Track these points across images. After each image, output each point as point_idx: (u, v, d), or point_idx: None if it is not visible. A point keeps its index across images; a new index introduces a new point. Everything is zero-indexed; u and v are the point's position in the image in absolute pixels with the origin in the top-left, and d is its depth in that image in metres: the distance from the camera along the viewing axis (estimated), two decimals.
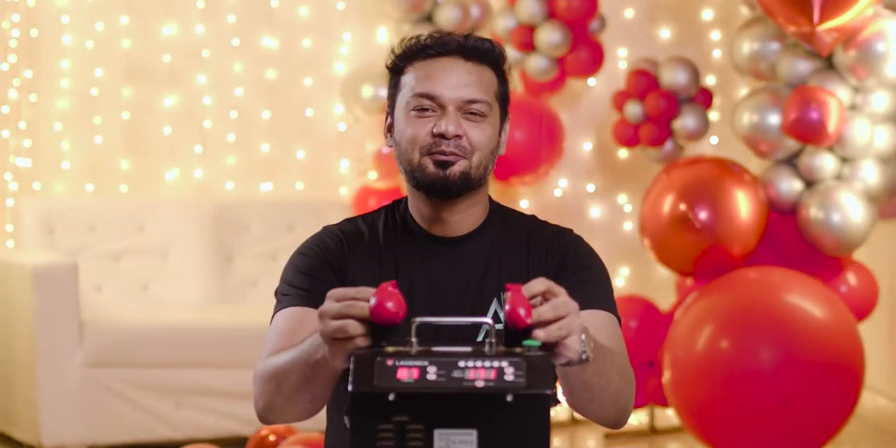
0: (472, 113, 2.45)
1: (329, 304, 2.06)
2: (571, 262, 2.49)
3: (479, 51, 2.48)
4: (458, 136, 2.44)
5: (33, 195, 6.14)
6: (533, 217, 2.61)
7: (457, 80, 2.45)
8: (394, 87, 2.52)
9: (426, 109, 2.45)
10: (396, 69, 2.52)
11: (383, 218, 2.58)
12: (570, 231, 2.57)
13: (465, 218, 2.53)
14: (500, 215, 2.59)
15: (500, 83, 2.52)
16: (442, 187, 2.46)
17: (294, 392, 2.30)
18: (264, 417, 2.40)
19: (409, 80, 2.48)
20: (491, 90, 2.49)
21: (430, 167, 2.45)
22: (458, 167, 2.45)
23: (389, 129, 2.54)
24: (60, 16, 6.24)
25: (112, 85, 6.29)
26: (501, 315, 2.41)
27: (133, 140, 6.32)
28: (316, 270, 2.50)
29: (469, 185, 2.47)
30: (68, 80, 6.25)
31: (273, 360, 2.34)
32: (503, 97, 2.53)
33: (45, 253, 5.65)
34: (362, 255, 2.52)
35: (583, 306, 2.34)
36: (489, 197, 2.59)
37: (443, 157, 2.44)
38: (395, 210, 2.58)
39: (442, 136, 2.43)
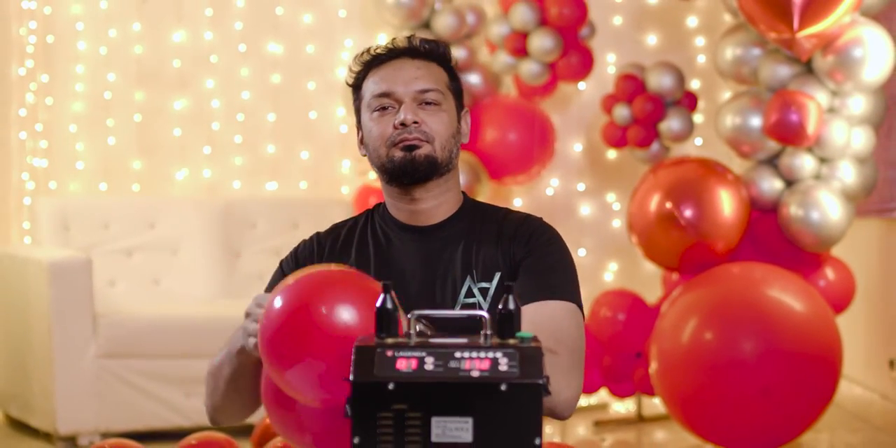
0: (427, 103, 2.53)
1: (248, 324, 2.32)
2: (534, 250, 2.53)
3: (423, 49, 2.58)
4: (417, 123, 2.51)
5: (49, 194, 6.14)
6: (504, 208, 2.65)
7: (408, 75, 2.54)
8: (357, 100, 2.61)
9: (386, 108, 2.54)
10: (357, 83, 2.60)
11: (365, 217, 2.67)
12: (537, 218, 2.62)
13: (437, 206, 2.58)
14: (473, 206, 2.65)
15: (451, 78, 2.60)
16: (410, 169, 2.52)
17: (227, 388, 2.47)
18: (213, 419, 2.57)
19: (367, 87, 2.57)
20: (441, 81, 2.57)
21: (398, 154, 2.52)
22: (423, 151, 2.52)
23: (362, 141, 2.61)
24: (75, 23, 6.24)
25: (124, 89, 6.30)
26: (475, 290, 2.49)
27: (144, 141, 6.32)
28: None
29: (435, 167, 2.53)
30: (83, 85, 6.25)
31: (212, 360, 2.52)
32: (456, 90, 2.61)
33: (60, 249, 5.65)
34: (334, 251, 2.61)
35: (539, 296, 2.43)
36: (463, 193, 2.65)
37: (407, 142, 2.51)
38: (376, 210, 2.67)
39: (403, 124, 2.50)
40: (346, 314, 2.07)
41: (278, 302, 2.11)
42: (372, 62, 2.58)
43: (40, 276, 5.27)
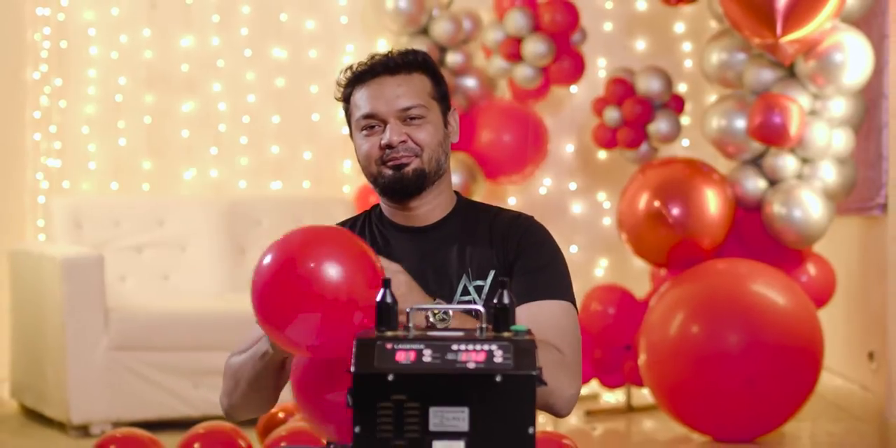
0: (411, 118, 2.52)
1: None
2: (526, 250, 2.54)
3: (402, 64, 2.55)
4: (403, 141, 2.52)
5: (63, 193, 6.13)
6: (496, 207, 2.65)
7: (389, 94, 2.52)
8: (348, 114, 2.61)
9: (373, 127, 2.54)
10: (346, 99, 2.61)
11: (363, 218, 2.67)
12: (528, 217, 2.62)
13: (432, 209, 2.58)
14: (466, 206, 2.64)
15: (435, 84, 2.58)
16: (401, 186, 2.53)
17: (248, 387, 2.45)
18: (229, 414, 2.55)
19: (354, 106, 2.57)
20: (424, 93, 2.55)
21: (388, 172, 2.53)
22: (411, 166, 2.52)
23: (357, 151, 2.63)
24: (87, 29, 6.23)
25: (135, 92, 6.29)
26: (471, 288, 2.50)
27: (154, 142, 6.31)
28: None
29: (425, 179, 2.54)
30: (95, 88, 6.25)
31: (234, 358, 2.49)
32: (441, 94, 2.59)
33: (73, 246, 5.64)
34: None
35: (538, 296, 2.44)
36: (456, 193, 2.65)
37: (396, 162, 2.52)
38: (373, 211, 2.67)
39: (389, 146, 2.51)
40: (332, 270, 2.06)
41: (267, 259, 2.13)
42: (355, 80, 2.57)
43: (54, 272, 5.27)
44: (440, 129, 2.56)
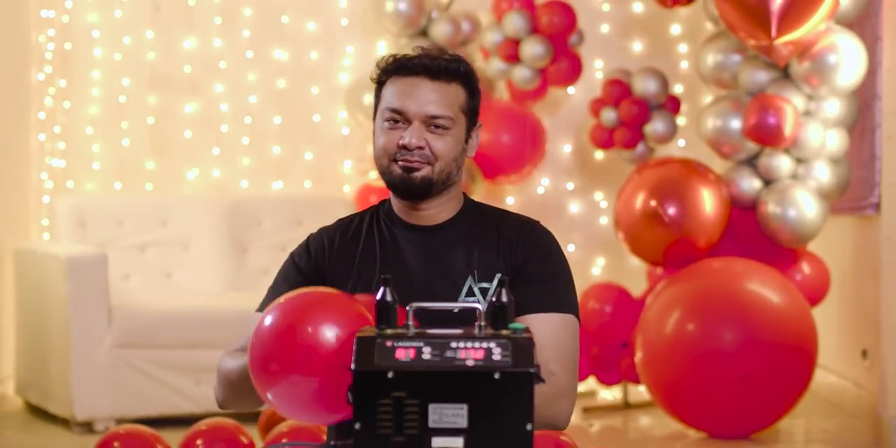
0: (436, 126, 2.49)
1: None
2: (533, 259, 2.52)
3: (444, 71, 2.51)
4: (421, 147, 2.49)
5: (67, 193, 6.13)
6: (500, 210, 2.64)
7: (422, 98, 2.49)
8: (377, 98, 2.57)
9: (397, 121, 2.50)
10: (380, 81, 2.56)
11: (371, 213, 2.65)
12: (537, 223, 2.61)
13: (439, 211, 2.57)
14: (473, 208, 2.63)
15: (469, 97, 2.54)
16: (407, 188, 2.52)
17: (241, 395, 2.45)
18: (221, 406, 2.55)
19: (386, 94, 2.53)
20: (456, 105, 2.51)
21: (397, 171, 2.51)
22: (421, 173, 2.50)
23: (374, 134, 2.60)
24: (91, 30, 6.23)
25: (138, 93, 6.29)
26: (476, 289, 2.49)
27: (157, 143, 6.31)
28: (294, 281, 2.59)
29: (431, 187, 2.52)
30: (98, 89, 6.25)
31: (228, 362, 2.47)
32: (471, 109, 2.55)
33: (77, 245, 5.64)
34: (343, 246, 2.60)
35: (542, 307, 2.44)
36: (464, 194, 2.64)
37: (408, 164, 2.50)
38: (382, 206, 2.65)
39: (405, 147, 2.48)
40: (330, 334, 2.05)
41: (268, 320, 2.10)
42: (394, 70, 2.52)
43: (58, 270, 5.27)
44: (460, 142, 2.53)
